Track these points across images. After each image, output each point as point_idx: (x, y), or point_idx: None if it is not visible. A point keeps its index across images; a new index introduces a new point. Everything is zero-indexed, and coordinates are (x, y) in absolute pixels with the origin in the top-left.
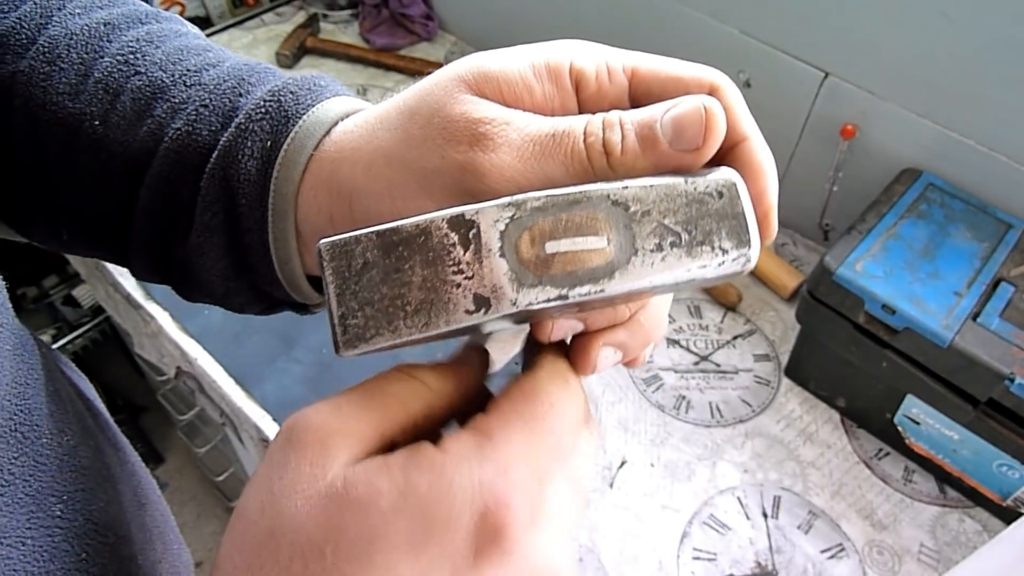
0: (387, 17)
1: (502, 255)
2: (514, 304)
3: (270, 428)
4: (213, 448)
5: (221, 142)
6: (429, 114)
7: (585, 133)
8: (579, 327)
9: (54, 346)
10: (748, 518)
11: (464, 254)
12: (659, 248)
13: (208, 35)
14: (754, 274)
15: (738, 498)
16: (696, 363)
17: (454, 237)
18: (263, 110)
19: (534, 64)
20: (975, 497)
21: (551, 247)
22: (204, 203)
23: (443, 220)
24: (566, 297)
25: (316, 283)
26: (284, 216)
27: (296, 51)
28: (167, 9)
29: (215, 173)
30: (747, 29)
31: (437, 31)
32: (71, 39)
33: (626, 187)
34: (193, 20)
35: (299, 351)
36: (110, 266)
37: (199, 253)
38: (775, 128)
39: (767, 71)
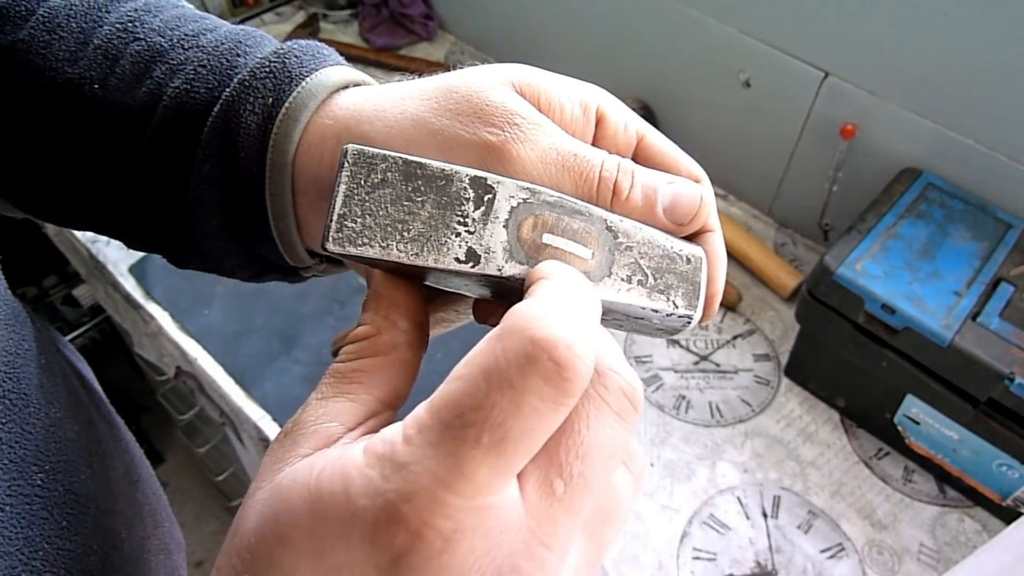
0: (387, 17)
1: (505, 226)
2: (499, 270)
3: (270, 428)
4: (213, 448)
5: (223, 97)
6: (469, 93)
7: (603, 167)
8: None
9: None
10: (748, 518)
11: (474, 211)
12: (628, 280)
13: None
14: (754, 274)
15: (738, 498)
16: (696, 363)
17: (471, 193)
18: (267, 69)
19: (571, 91)
20: (975, 497)
21: (547, 238)
22: (203, 156)
23: (467, 175)
24: None
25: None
26: (282, 171)
27: None
28: None
29: (216, 127)
30: (747, 29)
31: (437, 31)
32: (70, 9)
33: (622, 220)
34: None
35: (299, 351)
36: (110, 266)
37: (195, 208)
38: (775, 128)
39: (767, 71)
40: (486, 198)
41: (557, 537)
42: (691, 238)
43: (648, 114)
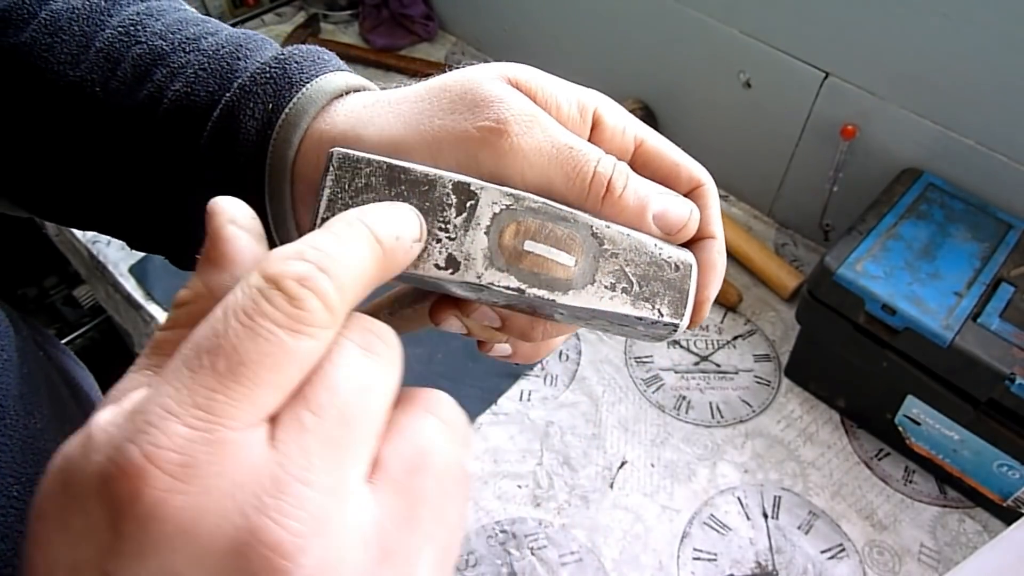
0: (387, 17)
1: (486, 232)
2: (478, 277)
3: None
4: None
5: (223, 101)
6: (463, 90)
7: (599, 163)
8: (496, 323)
9: None
10: (748, 518)
11: (455, 217)
12: (612, 287)
13: None
14: (755, 274)
15: (738, 498)
16: (696, 363)
17: (453, 199)
18: (267, 74)
19: (568, 90)
20: (975, 497)
21: (529, 246)
22: (203, 160)
23: (450, 181)
24: (522, 292)
25: None
26: (282, 176)
27: None
28: None
29: (216, 131)
30: (747, 29)
31: (437, 31)
32: (73, 12)
33: (608, 226)
34: None
35: None
36: (110, 266)
37: (196, 211)
38: (775, 128)
39: (767, 71)
40: (468, 204)
41: (314, 470)
42: (690, 244)
43: (648, 115)
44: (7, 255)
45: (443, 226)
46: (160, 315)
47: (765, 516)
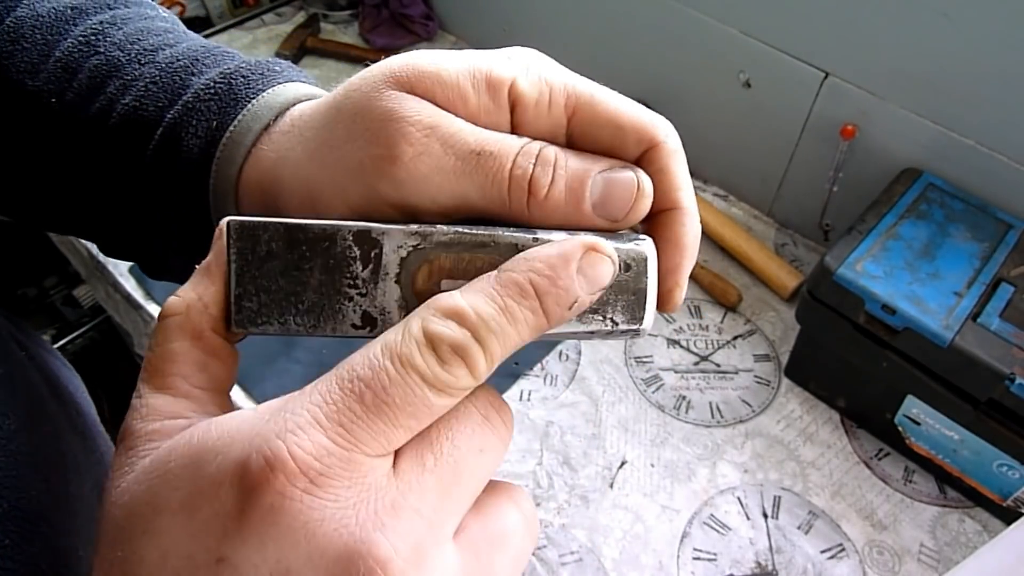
0: (387, 17)
1: (397, 281)
2: None
3: None
4: None
5: (167, 118)
6: (352, 113)
7: (514, 163)
8: None
9: (54, 346)
10: (748, 518)
11: (362, 270)
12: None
13: (208, 35)
14: (754, 274)
15: (738, 498)
16: (696, 363)
17: (356, 251)
18: (212, 91)
19: (474, 72)
20: (975, 497)
21: (446, 285)
22: (148, 177)
23: (349, 232)
24: None
25: None
26: (226, 195)
27: (296, 51)
28: (167, 9)
29: (159, 150)
30: (747, 29)
31: (437, 31)
32: (37, 20)
33: (537, 238)
34: (193, 20)
35: (299, 351)
36: (110, 266)
37: (148, 228)
38: (775, 128)
39: (767, 71)
40: (372, 254)
41: (426, 506)
42: (648, 221)
43: None
44: (7, 255)
45: (352, 282)
46: None
47: (765, 516)
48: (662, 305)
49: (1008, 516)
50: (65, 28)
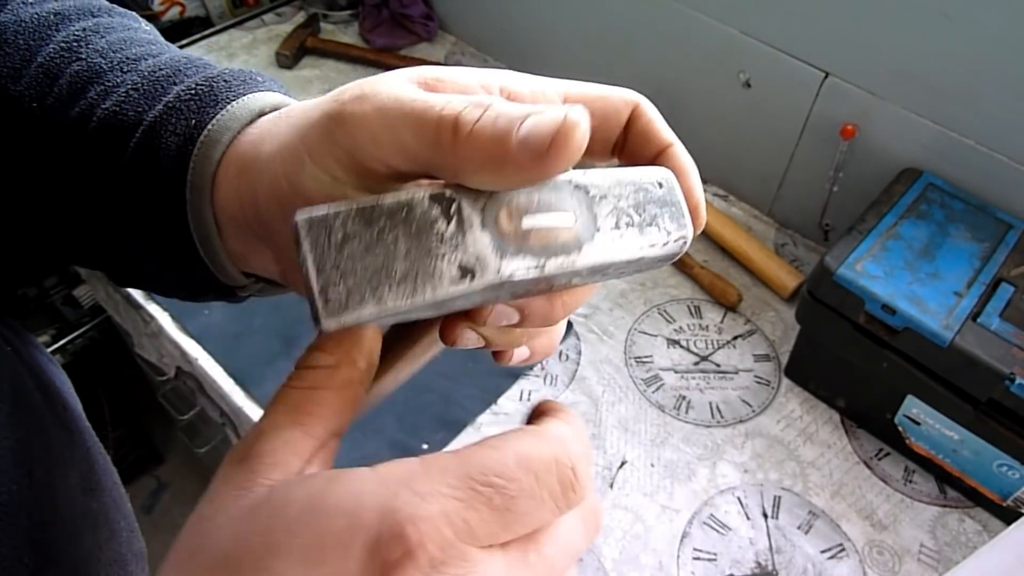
0: (387, 17)
1: (484, 227)
2: (498, 272)
3: None
4: (213, 448)
5: (147, 119)
6: (328, 98)
7: (445, 106)
8: (515, 318)
9: (54, 346)
10: (748, 518)
11: (447, 227)
12: (616, 227)
13: (208, 35)
14: (754, 274)
15: (738, 498)
16: (696, 363)
17: (436, 210)
18: (193, 92)
19: (473, 72)
20: (975, 497)
21: (527, 222)
22: (126, 177)
23: (424, 196)
24: (542, 268)
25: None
26: (202, 194)
27: (296, 51)
28: (167, 9)
29: (139, 149)
30: (747, 29)
31: (437, 31)
32: (19, 25)
33: (585, 173)
34: (193, 20)
35: (299, 351)
36: None
37: (123, 230)
38: (775, 128)
39: (767, 71)
40: (452, 209)
41: None
42: (656, 160)
43: None
44: (7, 255)
45: (440, 239)
46: (160, 315)
47: (765, 516)
48: (695, 218)
49: (1008, 516)
50: (48, 33)
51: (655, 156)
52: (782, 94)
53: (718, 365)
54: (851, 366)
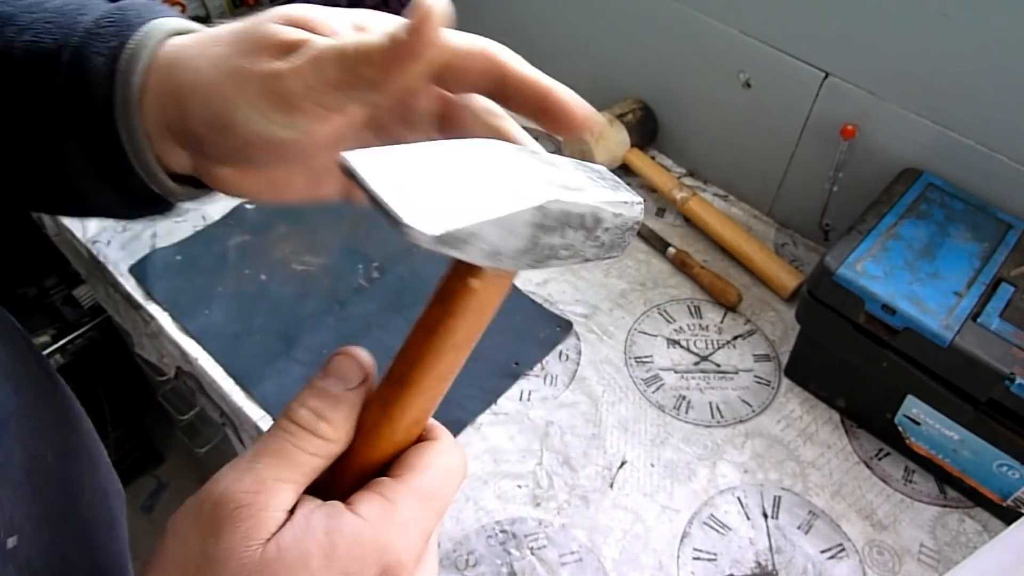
0: None
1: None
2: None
3: None
4: (213, 448)
5: (70, 44)
6: (250, 33)
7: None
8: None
9: (54, 346)
10: (748, 518)
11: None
12: (602, 181)
13: None
14: (754, 274)
15: (738, 498)
16: (696, 363)
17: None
18: (109, 19)
19: (348, 15)
20: (975, 497)
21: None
22: (59, 98)
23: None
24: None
25: (176, 177)
26: (129, 106)
27: None
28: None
29: (68, 70)
30: (747, 29)
31: None
32: None
33: (572, 155)
34: (193, 20)
35: (299, 351)
36: (110, 266)
37: (59, 150)
38: (775, 128)
39: (767, 71)
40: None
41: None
42: (515, 98)
43: (648, 115)
44: (7, 255)
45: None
46: (159, 315)
47: (765, 516)
48: (570, 115)
49: (1008, 516)
50: None
51: (526, 97)
52: (782, 94)
53: (718, 365)
54: (851, 366)
